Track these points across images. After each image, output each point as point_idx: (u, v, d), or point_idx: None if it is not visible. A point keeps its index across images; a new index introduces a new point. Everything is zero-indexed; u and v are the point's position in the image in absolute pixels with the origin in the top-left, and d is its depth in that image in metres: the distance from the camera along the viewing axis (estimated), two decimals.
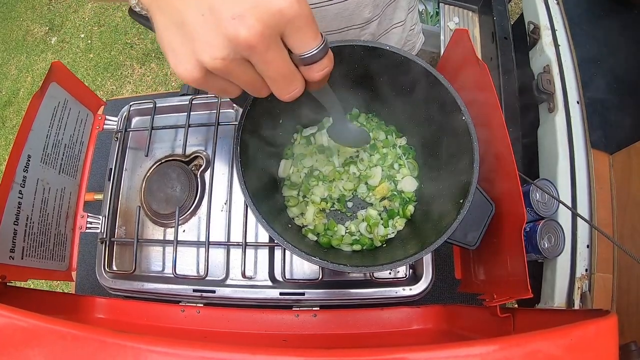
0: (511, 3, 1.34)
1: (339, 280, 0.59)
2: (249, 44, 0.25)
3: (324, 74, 0.30)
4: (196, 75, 0.27)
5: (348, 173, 0.57)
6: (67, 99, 0.63)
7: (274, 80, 0.29)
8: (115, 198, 0.65)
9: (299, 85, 0.30)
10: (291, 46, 0.28)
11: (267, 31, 0.25)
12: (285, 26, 0.26)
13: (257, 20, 0.25)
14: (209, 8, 0.25)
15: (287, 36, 0.27)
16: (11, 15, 2.32)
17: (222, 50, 0.26)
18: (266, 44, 0.26)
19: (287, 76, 0.29)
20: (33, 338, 0.28)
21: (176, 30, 0.27)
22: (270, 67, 0.28)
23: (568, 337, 0.28)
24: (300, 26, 0.27)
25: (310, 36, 0.28)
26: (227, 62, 0.26)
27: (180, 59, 0.27)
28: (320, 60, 0.29)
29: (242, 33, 0.25)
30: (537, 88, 0.88)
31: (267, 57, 0.27)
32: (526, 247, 0.75)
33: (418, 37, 0.79)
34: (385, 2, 0.61)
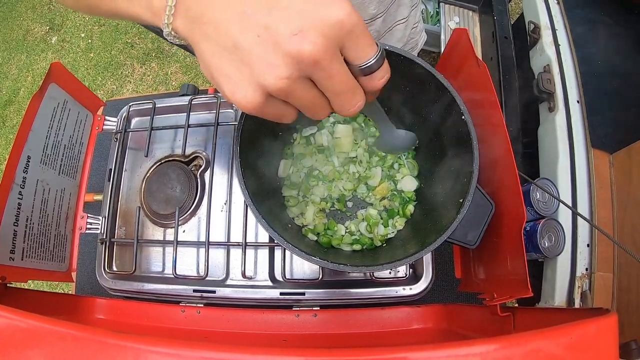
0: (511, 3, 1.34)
1: (339, 280, 0.59)
2: (314, 59, 0.24)
3: (384, 82, 0.30)
4: (258, 101, 0.26)
5: (348, 173, 0.57)
6: (67, 99, 0.63)
7: (337, 95, 0.28)
8: (115, 199, 0.65)
9: (361, 99, 0.29)
10: (350, 57, 0.27)
11: (330, 44, 0.25)
12: (345, 37, 0.25)
13: (319, 34, 0.24)
14: (265, 28, 0.24)
15: (346, 47, 0.26)
16: (11, 14, 2.32)
17: (286, 69, 0.25)
18: (330, 58, 0.25)
19: (351, 89, 0.28)
20: (33, 339, 0.28)
21: (229, 55, 0.25)
22: (335, 81, 0.27)
23: (568, 336, 0.28)
24: (359, 36, 0.26)
25: (368, 43, 0.27)
26: (292, 82, 0.25)
27: (238, 85, 0.26)
28: (379, 69, 0.29)
29: (306, 48, 0.24)
30: (538, 87, 0.88)
31: (332, 71, 0.26)
32: (526, 246, 0.75)
33: (420, 35, 0.79)
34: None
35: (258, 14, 0.24)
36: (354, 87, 0.28)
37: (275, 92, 0.26)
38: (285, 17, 0.24)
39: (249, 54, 0.25)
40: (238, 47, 0.25)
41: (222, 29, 0.25)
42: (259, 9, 0.24)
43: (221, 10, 0.25)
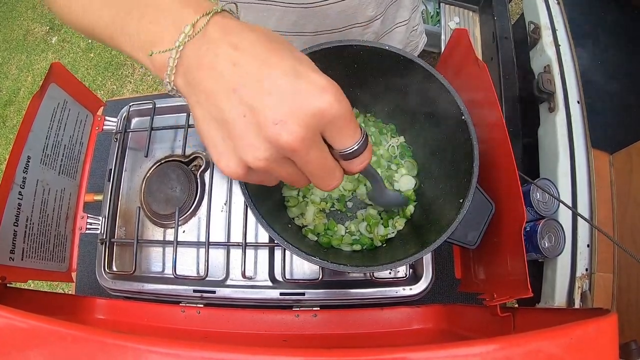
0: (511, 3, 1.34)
1: (339, 280, 0.59)
2: (291, 148, 0.25)
3: (363, 167, 0.30)
4: (238, 172, 0.28)
5: None
6: (67, 99, 0.63)
7: (314, 177, 0.29)
8: (115, 199, 0.65)
9: (339, 178, 0.30)
10: (332, 143, 0.28)
11: (309, 134, 0.26)
12: (326, 126, 0.26)
13: (299, 126, 0.25)
14: (250, 110, 0.25)
15: (327, 134, 0.27)
16: (12, 14, 2.32)
17: (265, 152, 0.26)
18: (307, 146, 0.26)
19: (328, 172, 0.29)
20: (33, 339, 0.28)
21: (217, 126, 0.27)
22: (311, 167, 0.28)
23: (568, 337, 0.28)
24: (340, 126, 0.27)
25: (350, 134, 0.28)
26: (269, 162, 0.27)
27: (223, 155, 0.27)
28: (360, 155, 0.29)
29: (284, 138, 0.25)
30: (538, 88, 0.88)
31: (309, 157, 0.27)
32: (526, 246, 0.75)
33: (421, 38, 0.79)
34: (388, 1, 0.61)
35: (246, 94, 0.25)
36: (331, 170, 0.29)
37: (254, 168, 0.27)
38: (270, 102, 0.25)
39: (234, 130, 0.26)
40: (225, 121, 0.26)
41: (213, 101, 0.26)
42: (248, 90, 0.25)
43: (215, 83, 0.26)
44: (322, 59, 0.49)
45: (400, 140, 0.60)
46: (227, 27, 0.27)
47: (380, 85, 0.54)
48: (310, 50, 0.47)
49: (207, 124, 0.27)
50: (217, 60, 0.26)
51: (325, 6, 0.55)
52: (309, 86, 0.25)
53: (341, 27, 0.59)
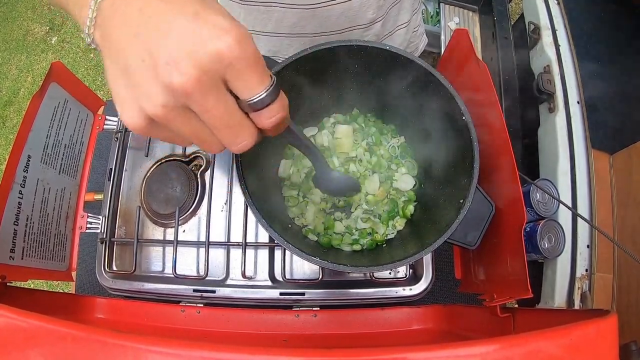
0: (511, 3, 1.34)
1: (339, 280, 0.59)
2: (184, 90, 0.24)
3: (275, 120, 0.28)
4: (140, 124, 0.26)
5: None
6: (67, 99, 0.63)
7: (218, 130, 0.27)
8: (115, 198, 0.65)
9: (248, 135, 0.28)
10: (235, 91, 0.26)
11: (204, 77, 0.24)
12: (226, 70, 0.25)
13: (192, 66, 0.23)
14: (149, 53, 0.24)
15: (229, 81, 0.25)
16: (12, 15, 2.32)
17: (161, 97, 0.24)
18: (203, 91, 0.24)
19: (232, 125, 0.27)
20: (33, 338, 0.29)
21: (121, 75, 0.26)
22: (212, 116, 0.26)
23: (568, 337, 0.28)
24: (241, 69, 0.25)
25: (254, 80, 0.26)
26: (168, 110, 0.25)
27: (125, 105, 0.26)
28: (269, 106, 0.27)
29: (176, 79, 0.24)
30: (538, 88, 0.88)
31: (207, 104, 0.25)
32: (526, 247, 0.75)
33: (421, 39, 0.79)
34: (390, 3, 0.61)
35: (146, 39, 0.24)
36: (235, 122, 0.27)
37: (154, 118, 0.26)
38: (167, 44, 0.24)
39: (134, 76, 0.25)
40: (127, 69, 0.25)
41: (118, 48, 0.25)
42: (148, 34, 0.24)
43: (121, 30, 0.25)
44: (323, 59, 0.49)
45: (400, 140, 0.60)
46: None
47: (380, 86, 0.54)
48: (310, 50, 0.47)
49: (113, 75, 0.26)
50: (126, 9, 0.25)
51: (325, 8, 0.55)
52: (208, 27, 0.24)
53: (341, 29, 0.59)
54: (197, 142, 0.28)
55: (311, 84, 0.53)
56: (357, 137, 0.59)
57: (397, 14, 0.65)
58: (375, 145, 0.59)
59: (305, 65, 0.49)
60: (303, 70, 0.49)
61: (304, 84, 0.52)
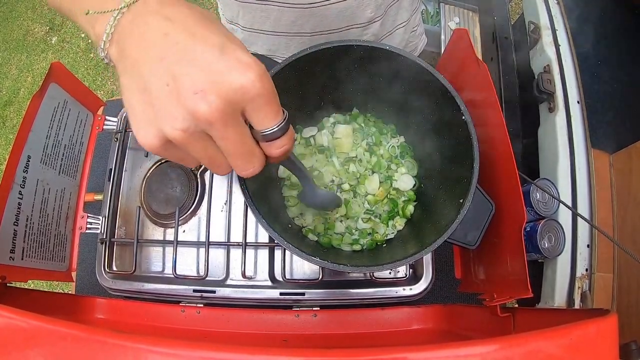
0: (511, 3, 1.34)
1: (339, 280, 0.59)
2: (208, 119, 0.25)
3: (283, 151, 0.30)
4: (155, 144, 0.27)
5: (347, 172, 0.57)
6: (67, 99, 0.63)
7: (232, 157, 0.29)
8: (115, 198, 0.65)
9: (258, 162, 0.30)
10: (252, 122, 0.28)
11: (228, 108, 0.26)
12: (246, 103, 0.26)
13: (218, 97, 0.25)
14: (173, 78, 0.25)
15: (247, 113, 0.27)
16: (12, 15, 2.32)
17: (183, 122, 0.26)
18: (225, 121, 0.26)
19: (246, 153, 0.29)
20: (33, 338, 0.28)
21: (139, 95, 0.27)
22: (229, 144, 0.28)
23: (568, 337, 0.28)
24: (261, 104, 0.27)
25: (270, 115, 0.28)
26: (187, 135, 0.26)
27: (142, 125, 0.27)
28: (280, 138, 0.29)
29: (202, 108, 0.25)
30: (538, 88, 0.88)
31: (226, 133, 0.27)
32: (526, 246, 0.75)
33: (420, 39, 0.79)
34: (388, 2, 0.61)
35: (171, 64, 0.25)
36: (249, 151, 0.29)
37: (173, 140, 0.27)
38: (193, 72, 0.25)
39: (156, 99, 0.26)
40: (148, 90, 0.26)
41: (139, 68, 0.26)
42: (173, 59, 0.25)
43: (142, 51, 0.26)
44: (322, 59, 0.49)
45: (400, 140, 0.60)
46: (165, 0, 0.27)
47: (380, 86, 0.54)
48: (310, 50, 0.47)
49: (131, 93, 0.27)
50: (148, 29, 0.26)
51: (323, 6, 0.55)
52: (233, 62, 0.25)
53: (339, 28, 0.59)
54: (208, 164, 0.30)
55: (311, 84, 0.53)
56: (357, 137, 0.59)
57: (396, 13, 0.65)
58: (375, 145, 0.59)
59: (305, 65, 0.49)
60: (302, 70, 0.49)
61: (303, 84, 0.52)
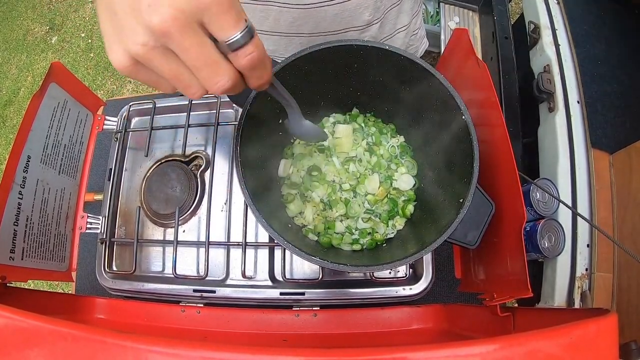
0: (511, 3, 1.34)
1: (339, 280, 0.59)
2: (163, 30, 0.26)
3: (251, 59, 0.29)
4: (124, 63, 0.28)
5: (347, 172, 0.57)
6: (67, 99, 0.63)
7: (197, 70, 0.29)
8: (115, 198, 0.65)
9: (225, 76, 0.29)
10: (212, 33, 0.28)
11: (181, 17, 0.26)
12: (203, 13, 0.26)
13: (170, 7, 0.25)
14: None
15: (205, 23, 0.27)
16: (12, 14, 2.32)
17: (142, 37, 0.26)
18: (181, 31, 0.26)
19: (210, 65, 0.28)
20: (33, 338, 0.28)
21: (110, 17, 0.27)
22: (191, 55, 0.28)
23: (568, 336, 0.28)
24: (217, 13, 0.27)
25: (229, 21, 0.27)
26: (148, 49, 0.27)
27: (112, 46, 0.28)
28: (244, 46, 0.29)
29: (155, 19, 0.25)
30: (538, 87, 0.88)
31: (184, 43, 0.27)
32: (526, 246, 0.75)
33: (422, 42, 0.78)
34: (387, 6, 0.61)
35: None
36: (213, 62, 0.28)
37: (136, 57, 0.27)
38: None
39: (121, 18, 0.27)
40: (115, 11, 0.27)
41: None
42: None
43: None
44: (323, 59, 0.49)
45: (400, 140, 0.60)
46: None
47: (380, 85, 0.54)
48: (309, 50, 0.47)
49: (103, 18, 0.28)
50: None
51: (320, 8, 0.55)
52: None
53: (337, 30, 0.59)
54: (178, 85, 0.30)
55: (310, 84, 0.53)
56: (357, 136, 0.59)
57: (396, 17, 0.65)
58: (375, 145, 0.59)
59: (305, 65, 0.49)
60: (302, 70, 0.49)
61: (303, 83, 0.52)
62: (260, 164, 0.53)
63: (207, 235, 0.58)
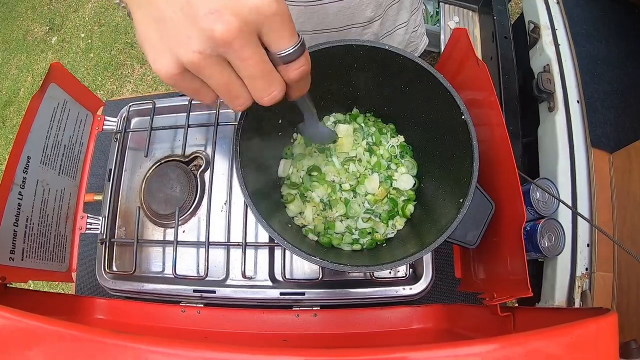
0: (511, 2, 1.34)
1: (339, 280, 0.59)
2: (225, 39, 0.25)
3: (301, 72, 0.30)
4: (172, 71, 0.27)
5: (347, 172, 0.57)
6: (67, 99, 0.63)
7: (252, 80, 0.29)
8: (115, 199, 0.65)
9: (278, 87, 0.30)
10: (268, 45, 0.28)
11: (244, 27, 0.26)
12: (263, 24, 0.26)
13: (234, 16, 0.25)
14: (187, 3, 0.25)
15: (264, 34, 0.27)
16: (11, 15, 2.32)
17: (199, 44, 0.26)
18: (243, 40, 0.26)
19: (266, 75, 0.29)
20: (33, 339, 0.28)
21: (155, 25, 0.27)
22: (248, 65, 0.28)
23: (568, 336, 0.28)
24: (277, 24, 0.27)
25: (286, 35, 0.28)
26: (204, 57, 0.26)
27: (159, 54, 0.27)
28: (297, 59, 0.29)
29: (218, 28, 0.25)
30: (537, 87, 0.88)
31: (244, 53, 0.27)
32: (526, 246, 0.75)
33: (421, 39, 0.78)
34: (388, 2, 0.61)
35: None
36: (268, 73, 0.29)
37: (188, 65, 0.27)
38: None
39: (171, 26, 0.26)
40: (163, 19, 0.26)
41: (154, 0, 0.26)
42: None
43: None
44: (322, 59, 0.49)
45: (400, 140, 0.60)
46: None
47: (380, 85, 0.54)
48: (310, 50, 0.47)
49: (146, 26, 0.27)
50: None
51: (323, 5, 0.55)
52: None
53: (340, 27, 0.59)
54: (226, 95, 0.30)
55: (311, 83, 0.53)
56: (357, 136, 0.59)
57: (396, 14, 0.65)
58: (375, 145, 0.59)
59: None
60: None
61: None
62: (260, 164, 0.53)
63: (207, 236, 0.58)
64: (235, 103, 0.30)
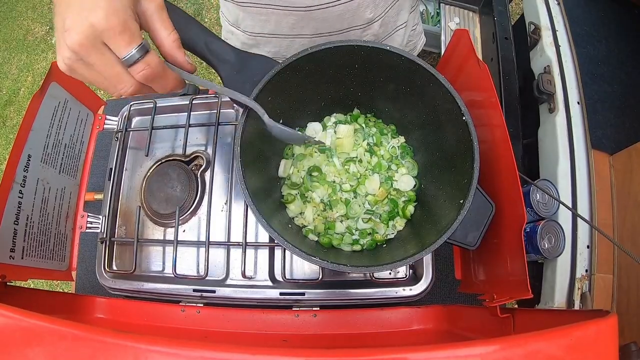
0: (512, 3, 1.34)
1: (339, 280, 0.59)
2: (74, 49, 0.33)
3: (142, 75, 0.36)
4: (63, 68, 0.35)
5: (348, 173, 0.57)
6: (68, 98, 0.63)
7: (104, 79, 0.36)
8: (115, 198, 0.65)
9: (127, 84, 0.36)
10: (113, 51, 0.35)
11: (85, 40, 0.33)
12: (102, 36, 0.33)
13: (77, 33, 0.33)
14: (63, 20, 0.33)
15: (106, 44, 0.34)
16: (12, 14, 2.32)
17: (66, 53, 0.34)
18: (87, 50, 0.33)
19: (112, 76, 0.35)
20: (33, 338, 0.29)
21: (56, 32, 0.35)
22: (97, 68, 0.35)
23: (568, 338, 0.28)
24: (111, 36, 0.33)
25: (122, 44, 0.34)
26: (72, 62, 0.34)
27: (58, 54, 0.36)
28: (138, 62, 0.35)
29: (68, 42, 0.33)
30: (538, 88, 0.88)
31: (90, 59, 0.34)
32: (526, 247, 0.75)
33: (419, 38, 0.79)
34: (388, 3, 0.61)
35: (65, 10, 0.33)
36: (116, 73, 0.35)
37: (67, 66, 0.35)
38: (68, 16, 0.33)
39: (56, 37, 0.35)
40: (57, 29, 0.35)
41: (56, 13, 0.35)
42: (64, 7, 0.33)
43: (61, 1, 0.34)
44: (323, 59, 0.49)
45: (400, 141, 0.60)
46: None
47: (380, 86, 0.54)
48: (311, 51, 0.47)
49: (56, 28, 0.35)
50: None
51: (322, 9, 0.55)
52: (90, 4, 0.33)
53: (339, 30, 0.59)
54: (99, 87, 0.37)
55: (311, 84, 0.53)
56: (358, 137, 0.59)
57: (396, 14, 0.65)
58: (375, 146, 0.59)
59: (305, 65, 0.49)
60: (303, 70, 0.49)
61: (304, 83, 0.52)
62: (260, 164, 0.53)
63: (207, 235, 0.58)
64: (109, 92, 0.37)
